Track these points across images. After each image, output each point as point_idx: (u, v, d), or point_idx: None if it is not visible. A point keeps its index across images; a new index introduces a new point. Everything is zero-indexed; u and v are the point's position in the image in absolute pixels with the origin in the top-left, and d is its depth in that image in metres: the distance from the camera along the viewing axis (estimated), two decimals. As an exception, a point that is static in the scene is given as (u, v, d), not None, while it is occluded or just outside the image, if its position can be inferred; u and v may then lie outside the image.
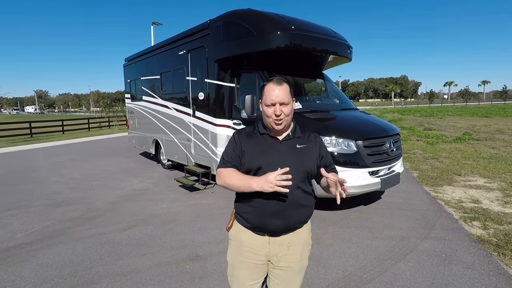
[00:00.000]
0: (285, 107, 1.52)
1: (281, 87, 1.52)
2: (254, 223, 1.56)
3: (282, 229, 1.55)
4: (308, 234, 1.67)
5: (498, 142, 10.37)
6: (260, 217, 1.54)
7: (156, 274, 2.95)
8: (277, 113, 1.50)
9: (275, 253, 1.58)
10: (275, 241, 1.57)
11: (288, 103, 1.53)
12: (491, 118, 22.14)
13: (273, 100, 1.50)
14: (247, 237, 1.60)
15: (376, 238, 3.64)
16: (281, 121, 1.53)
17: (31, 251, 3.48)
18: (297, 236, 1.60)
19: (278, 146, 1.58)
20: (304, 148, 1.60)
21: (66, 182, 6.70)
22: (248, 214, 1.58)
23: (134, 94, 8.99)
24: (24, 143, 14.37)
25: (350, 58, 5.66)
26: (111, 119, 24.14)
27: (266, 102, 1.53)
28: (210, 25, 5.41)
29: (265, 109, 1.54)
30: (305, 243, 1.64)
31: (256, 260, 1.59)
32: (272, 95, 1.51)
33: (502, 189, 5.32)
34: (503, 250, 3.21)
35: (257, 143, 1.59)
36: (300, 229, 1.61)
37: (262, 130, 1.62)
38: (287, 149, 1.56)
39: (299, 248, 1.61)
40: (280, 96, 1.50)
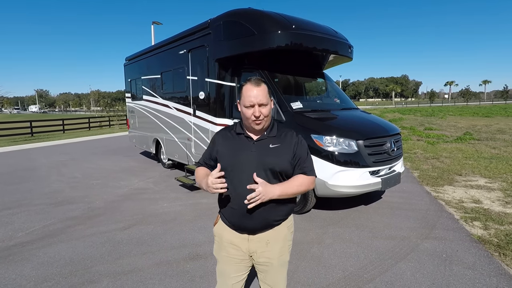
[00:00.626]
0: (264, 108, 1.52)
1: (260, 88, 1.51)
2: (233, 222, 1.62)
3: (259, 227, 1.60)
4: (287, 231, 1.69)
5: (499, 142, 10.35)
6: (238, 217, 1.59)
7: (157, 273, 2.95)
8: (256, 114, 1.51)
9: (255, 250, 1.62)
10: (254, 238, 1.62)
11: (266, 104, 1.53)
12: (492, 118, 22.11)
13: (251, 102, 1.50)
14: (228, 234, 1.65)
15: (376, 238, 3.63)
16: (261, 122, 1.54)
17: (32, 249, 3.48)
18: (275, 233, 1.64)
19: (251, 146, 1.58)
20: (277, 148, 1.59)
21: (66, 181, 6.71)
22: (227, 213, 1.64)
23: (135, 93, 8.99)
24: (25, 142, 14.39)
25: (351, 57, 5.65)
26: (112, 118, 24.17)
27: (244, 104, 1.52)
28: (210, 24, 5.41)
29: (244, 110, 1.54)
30: (284, 239, 1.67)
31: (237, 255, 1.64)
32: (251, 96, 1.50)
33: (503, 189, 5.31)
34: (504, 250, 3.21)
35: (231, 143, 1.63)
36: (279, 227, 1.65)
37: (239, 129, 1.64)
38: (259, 149, 1.56)
39: (279, 245, 1.64)
40: (259, 97, 1.50)
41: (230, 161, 1.57)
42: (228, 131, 1.70)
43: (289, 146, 1.61)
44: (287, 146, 1.61)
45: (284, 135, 1.64)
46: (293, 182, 1.57)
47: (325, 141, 4.07)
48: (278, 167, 1.55)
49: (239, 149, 1.59)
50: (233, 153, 1.58)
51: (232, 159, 1.57)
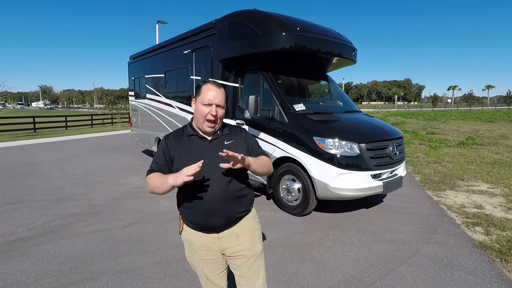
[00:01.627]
0: (221, 110, 1.59)
1: (219, 90, 1.58)
2: (197, 223, 1.63)
3: (225, 223, 1.62)
4: (253, 221, 1.74)
5: (501, 147, 10.30)
6: (201, 217, 1.60)
7: (156, 272, 2.95)
8: (213, 113, 1.55)
9: (227, 246, 1.64)
10: (223, 235, 1.64)
11: (224, 107, 1.60)
12: (495, 123, 22.01)
13: (210, 100, 1.55)
14: (197, 237, 1.65)
15: (377, 241, 3.62)
16: (215, 124, 1.59)
17: (32, 245, 3.49)
18: (243, 226, 1.67)
19: (208, 146, 1.62)
20: (232, 143, 1.64)
21: (68, 178, 6.73)
22: (190, 216, 1.64)
23: (138, 91, 9.01)
24: (28, 138, 14.45)
25: (355, 60, 5.64)
26: (114, 116, 24.23)
27: (203, 101, 1.56)
28: (215, 25, 5.41)
29: (201, 108, 1.57)
30: (252, 229, 1.71)
31: (211, 256, 1.66)
32: (210, 95, 1.55)
33: (505, 194, 5.28)
34: (506, 256, 3.19)
35: (186, 146, 1.62)
36: (244, 219, 1.69)
37: (191, 131, 1.65)
38: (216, 148, 1.56)
39: (248, 236, 1.68)
40: (218, 98, 1.56)
41: (186, 163, 1.48)
42: (178, 134, 1.68)
43: (242, 140, 1.69)
44: (240, 140, 1.68)
45: (235, 132, 1.71)
46: (260, 159, 1.66)
47: (327, 144, 4.06)
48: None
49: (194, 150, 1.60)
50: (192, 156, 1.56)
51: (188, 160, 1.52)
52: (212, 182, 1.56)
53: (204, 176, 1.54)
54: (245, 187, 1.67)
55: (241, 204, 1.66)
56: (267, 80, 4.82)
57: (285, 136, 4.44)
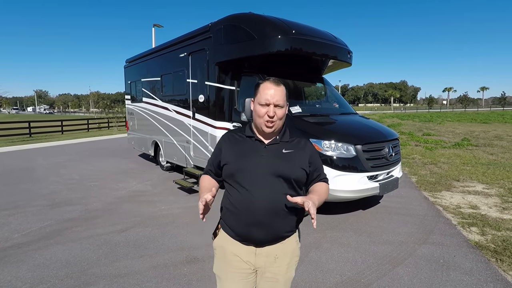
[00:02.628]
0: (280, 110, 1.44)
1: (278, 88, 1.44)
2: (239, 231, 1.48)
3: (268, 239, 1.46)
4: (296, 244, 1.58)
5: (496, 148, 10.40)
6: (245, 226, 1.45)
7: (153, 276, 2.94)
8: (270, 114, 1.41)
9: (261, 265, 1.50)
10: (262, 252, 1.48)
11: (283, 106, 1.45)
12: (490, 124, 22.22)
13: (268, 100, 1.41)
14: (232, 245, 1.50)
15: (374, 242, 3.63)
16: (273, 124, 1.44)
17: (28, 251, 3.46)
18: (284, 247, 1.51)
19: (262, 150, 1.48)
20: (291, 153, 1.49)
21: (64, 183, 6.69)
22: (231, 222, 1.50)
23: (134, 95, 9.00)
24: (23, 143, 14.34)
25: (350, 63, 5.69)
26: (111, 120, 24.14)
27: (260, 101, 1.44)
28: (211, 28, 5.44)
29: (258, 108, 1.45)
30: (292, 254, 1.55)
31: (243, 268, 1.49)
32: (268, 94, 1.42)
33: (500, 195, 5.33)
34: (501, 256, 3.21)
35: (240, 146, 1.51)
36: (288, 239, 1.52)
37: (249, 132, 1.54)
38: (271, 154, 1.46)
39: (287, 260, 1.52)
40: (276, 97, 1.42)
41: (238, 165, 1.45)
42: (236, 133, 1.59)
43: (304, 153, 1.52)
44: (301, 152, 1.51)
45: (297, 142, 1.55)
46: (322, 190, 1.50)
47: (324, 146, 4.08)
48: (292, 173, 1.45)
49: (248, 153, 1.47)
50: (242, 156, 1.47)
51: (240, 163, 1.45)
52: (262, 191, 1.41)
53: (254, 183, 1.41)
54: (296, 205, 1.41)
55: (290, 222, 1.49)
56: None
57: (281, 138, 4.44)
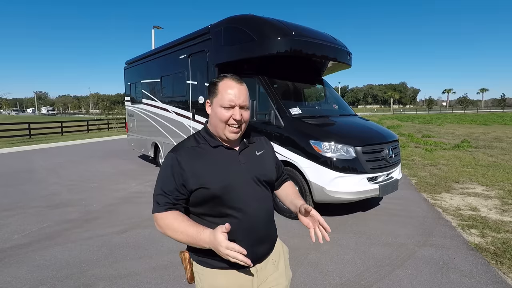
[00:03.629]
0: (246, 112, 1.25)
1: (242, 86, 1.23)
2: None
3: (269, 249, 1.36)
4: (279, 240, 1.48)
5: (496, 150, 10.40)
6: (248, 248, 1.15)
7: (153, 277, 2.94)
8: (236, 117, 1.21)
9: (264, 278, 1.33)
10: (261, 266, 1.32)
11: (248, 107, 1.26)
12: (490, 126, 22.23)
13: (232, 101, 1.20)
14: (232, 278, 1.24)
15: (374, 244, 3.63)
16: (238, 130, 1.25)
17: (28, 252, 3.46)
18: (276, 249, 1.42)
19: (239, 157, 1.28)
20: (263, 154, 1.38)
21: (64, 184, 6.69)
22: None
23: (134, 97, 9.02)
24: (23, 144, 14.34)
25: (350, 64, 5.70)
26: (111, 122, 24.15)
27: (222, 103, 1.21)
28: (211, 30, 5.45)
29: (220, 112, 1.22)
30: (284, 251, 1.46)
31: None
32: (231, 95, 1.20)
33: (500, 197, 5.33)
34: (501, 258, 3.21)
35: (211, 160, 1.24)
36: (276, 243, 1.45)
37: (213, 142, 1.28)
38: (248, 160, 1.30)
39: (282, 260, 1.42)
40: (242, 97, 1.21)
41: (222, 183, 1.20)
42: (192, 146, 1.27)
43: (270, 151, 1.45)
44: (268, 151, 1.43)
45: (259, 139, 1.43)
46: (296, 192, 1.48)
47: (324, 147, 4.09)
48: (271, 175, 1.37)
49: (225, 165, 1.24)
50: (221, 171, 1.22)
51: (223, 179, 1.21)
52: (255, 204, 1.25)
53: (245, 198, 1.23)
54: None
55: (274, 222, 1.41)
56: (263, 84, 4.85)
57: (281, 139, 4.46)
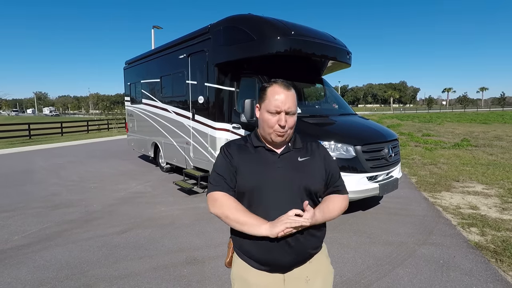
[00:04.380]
0: (291, 118, 1.27)
1: (290, 93, 1.25)
2: (262, 258, 1.27)
3: (294, 261, 1.29)
4: (326, 260, 1.40)
5: (496, 149, 10.41)
6: (267, 251, 1.25)
7: (154, 277, 2.94)
8: (282, 123, 1.24)
9: None
10: (290, 277, 1.30)
11: (294, 113, 1.27)
12: (489, 124, 22.24)
13: (279, 107, 1.23)
14: (256, 277, 1.29)
15: (374, 243, 3.64)
16: (284, 134, 1.28)
17: (28, 253, 3.46)
18: (314, 267, 1.34)
19: (277, 161, 1.30)
20: (307, 161, 1.33)
21: (64, 184, 6.69)
22: (251, 248, 1.28)
23: (134, 97, 9.01)
24: (23, 145, 14.34)
25: (349, 63, 5.70)
26: (110, 122, 24.15)
27: (269, 109, 1.25)
28: (210, 30, 5.45)
29: (267, 116, 1.26)
30: (326, 272, 1.37)
31: None
32: (278, 101, 1.23)
33: (500, 195, 5.33)
34: (501, 256, 3.22)
35: (251, 159, 1.31)
36: (316, 256, 1.36)
37: (256, 142, 1.34)
38: (286, 165, 1.30)
39: (320, 281, 1.34)
40: (288, 103, 1.24)
41: (254, 182, 1.27)
42: (240, 143, 1.38)
43: (319, 159, 1.35)
44: (317, 158, 1.35)
45: (311, 146, 1.38)
46: (332, 205, 1.32)
47: (323, 146, 4.09)
48: (312, 184, 1.29)
49: (262, 166, 1.29)
50: (256, 171, 1.28)
51: (255, 178, 1.27)
52: (283, 208, 1.21)
53: (274, 199, 1.25)
54: None
55: (314, 238, 1.32)
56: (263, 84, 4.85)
57: (281, 139, 4.45)
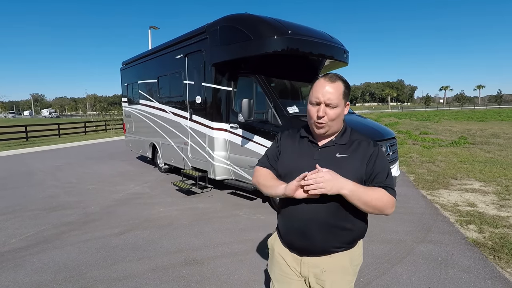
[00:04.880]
0: (331, 110, 1.28)
1: (333, 85, 1.27)
2: (283, 237, 1.45)
3: (308, 250, 1.36)
4: (348, 262, 1.38)
5: (493, 146, 10.45)
6: (288, 232, 1.41)
7: (152, 278, 2.93)
8: (319, 114, 1.28)
9: (307, 275, 1.40)
10: (306, 262, 1.38)
11: (336, 105, 1.28)
12: (486, 122, 22.33)
13: (318, 99, 1.28)
14: (279, 248, 1.47)
15: (373, 241, 3.64)
16: (323, 125, 1.30)
17: (26, 256, 3.44)
18: (333, 262, 1.36)
19: (315, 153, 1.35)
20: (345, 158, 1.32)
21: (62, 186, 6.66)
22: (280, 225, 1.48)
23: (131, 97, 8.98)
24: (20, 147, 14.26)
25: (347, 62, 5.70)
26: (108, 123, 24.06)
27: (311, 99, 1.31)
28: (207, 29, 5.43)
29: (309, 107, 1.34)
30: (342, 272, 1.37)
31: (289, 274, 1.43)
32: (319, 92, 1.27)
33: (498, 192, 5.35)
34: (499, 253, 3.23)
35: (294, 147, 1.43)
36: (338, 254, 1.36)
37: (303, 133, 1.43)
38: (323, 158, 1.32)
39: (334, 277, 1.36)
40: (328, 95, 1.26)
41: (289, 167, 1.36)
42: (293, 132, 1.50)
43: (361, 158, 1.32)
44: (358, 157, 1.32)
45: (357, 144, 1.36)
46: (370, 191, 1.26)
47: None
48: None
49: (300, 155, 1.37)
50: (294, 158, 1.38)
51: (291, 165, 1.36)
52: (309, 199, 1.27)
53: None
54: (350, 218, 1.33)
55: (337, 237, 1.34)
56: (260, 83, 4.85)
57: (279, 139, 4.44)
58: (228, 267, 3.12)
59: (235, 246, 3.60)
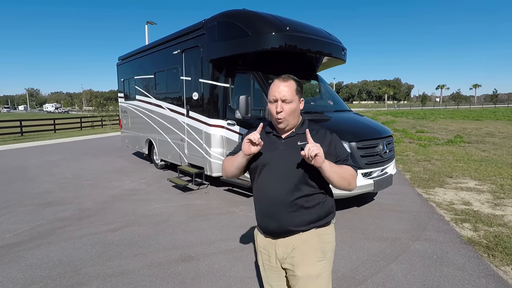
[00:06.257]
0: (287, 105, 1.47)
1: (286, 84, 1.48)
2: (258, 223, 1.62)
3: (278, 230, 1.51)
4: (316, 240, 1.50)
5: (488, 145, 10.53)
6: (261, 216, 1.58)
7: (148, 275, 2.92)
8: (278, 109, 1.46)
9: (282, 256, 1.53)
10: (280, 243, 1.53)
11: (291, 101, 1.46)
12: (482, 121, 22.48)
13: (275, 97, 1.47)
14: (260, 237, 1.63)
15: (368, 239, 3.65)
16: (282, 120, 1.48)
17: (20, 251, 3.41)
18: (301, 239, 1.50)
19: (280, 144, 1.53)
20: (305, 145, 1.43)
21: (57, 182, 6.61)
22: (256, 213, 1.63)
23: (128, 93, 8.91)
24: (15, 142, 14.14)
25: (345, 60, 5.69)
26: (104, 119, 23.92)
27: (269, 99, 1.51)
28: (204, 25, 5.39)
29: (269, 106, 1.52)
30: (310, 247, 1.49)
31: (270, 262, 1.58)
32: (275, 91, 1.48)
33: (492, 191, 5.39)
34: (493, 251, 3.25)
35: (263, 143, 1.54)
36: (306, 233, 1.50)
37: (268, 129, 1.61)
38: (288, 147, 1.51)
39: (305, 252, 1.49)
40: (283, 93, 1.46)
41: (260, 161, 1.52)
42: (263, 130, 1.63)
43: (321, 143, 1.41)
44: (317, 142, 1.40)
45: (315, 133, 1.52)
46: (339, 166, 1.42)
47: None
48: (308, 166, 1.40)
49: (267, 148, 1.52)
50: (264, 152, 1.52)
51: (259, 158, 1.52)
52: (274, 182, 1.48)
53: (269, 175, 1.50)
54: (313, 199, 1.49)
55: (302, 217, 1.47)
56: (258, 80, 4.82)
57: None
58: (224, 263, 3.12)
59: (231, 243, 3.59)
